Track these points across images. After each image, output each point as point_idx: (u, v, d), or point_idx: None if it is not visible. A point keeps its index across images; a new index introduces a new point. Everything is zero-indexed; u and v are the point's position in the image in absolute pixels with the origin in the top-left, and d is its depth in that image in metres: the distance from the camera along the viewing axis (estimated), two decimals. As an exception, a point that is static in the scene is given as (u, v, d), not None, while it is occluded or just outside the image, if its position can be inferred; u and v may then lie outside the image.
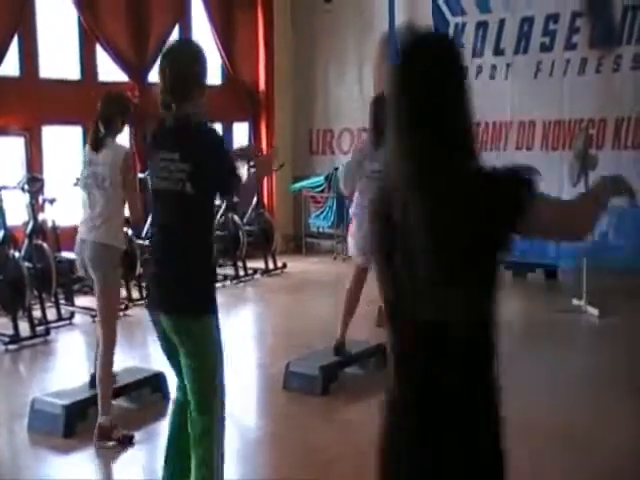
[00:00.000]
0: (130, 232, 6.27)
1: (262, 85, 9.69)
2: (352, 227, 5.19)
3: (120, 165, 4.05)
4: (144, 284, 6.82)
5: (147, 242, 6.35)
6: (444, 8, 8.42)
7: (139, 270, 6.82)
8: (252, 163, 4.40)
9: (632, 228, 7.20)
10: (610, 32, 7.33)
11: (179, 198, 2.88)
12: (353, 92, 9.47)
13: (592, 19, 7.43)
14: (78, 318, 6.56)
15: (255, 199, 8.35)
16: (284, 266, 8.76)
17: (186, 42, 3.71)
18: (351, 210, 5.28)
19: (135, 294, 7.01)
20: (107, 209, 4.09)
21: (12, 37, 7.13)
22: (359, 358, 5.26)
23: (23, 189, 6.31)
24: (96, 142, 4.11)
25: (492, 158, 8.03)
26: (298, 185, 9.68)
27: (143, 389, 4.67)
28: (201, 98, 2.95)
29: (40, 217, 6.48)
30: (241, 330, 6.57)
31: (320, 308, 7.05)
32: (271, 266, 8.69)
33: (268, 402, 5.06)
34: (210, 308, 2.98)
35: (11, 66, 7.32)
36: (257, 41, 9.64)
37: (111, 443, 4.06)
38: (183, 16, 8.84)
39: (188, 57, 2.96)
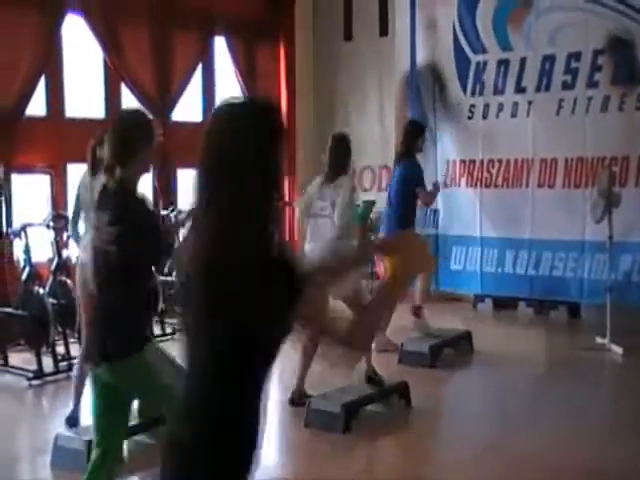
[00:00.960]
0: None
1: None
2: None
3: None
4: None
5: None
6: (465, 46, 8.48)
7: (161, 306, 6.89)
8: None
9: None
10: (632, 70, 7.35)
11: (105, 257, 3.07)
12: (374, 130, 9.54)
13: (614, 57, 7.45)
14: (100, 354, 6.56)
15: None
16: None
17: (131, 111, 3.89)
18: None
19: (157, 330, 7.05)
20: None
21: (39, 77, 7.28)
22: (381, 395, 5.24)
23: (48, 226, 6.39)
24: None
25: (515, 195, 8.08)
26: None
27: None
28: (138, 166, 3.13)
29: (64, 254, 6.55)
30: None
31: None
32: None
33: (290, 440, 5.03)
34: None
35: (38, 105, 7.46)
36: (279, 80, 9.77)
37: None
38: (206, 55, 8.99)
39: (127, 125, 3.17)
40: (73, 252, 6.67)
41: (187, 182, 8.82)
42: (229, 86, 9.20)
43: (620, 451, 4.47)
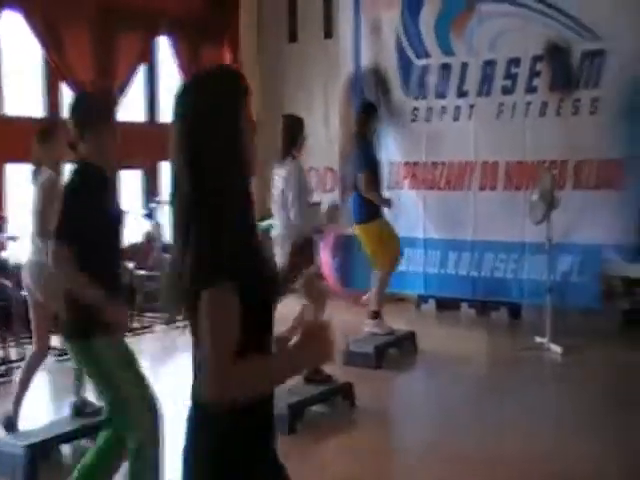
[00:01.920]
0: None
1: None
2: None
3: None
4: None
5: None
6: (409, 50, 8.57)
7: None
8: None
9: (593, 267, 7.31)
10: (568, 76, 7.52)
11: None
12: (319, 132, 9.54)
13: (551, 63, 7.62)
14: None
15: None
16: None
17: (84, 94, 4.16)
18: None
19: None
20: None
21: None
22: (326, 396, 5.26)
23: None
24: None
25: (457, 197, 8.19)
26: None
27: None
28: (91, 142, 3.27)
29: (2, 255, 6.41)
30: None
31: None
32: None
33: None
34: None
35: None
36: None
37: None
38: (149, 55, 8.89)
39: (78, 105, 3.40)
40: (11, 253, 6.55)
41: (130, 182, 8.73)
42: (173, 87, 9.13)
43: (562, 447, 4.58)
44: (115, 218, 3.34)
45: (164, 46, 9.07)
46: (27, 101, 7.88)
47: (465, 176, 8.21)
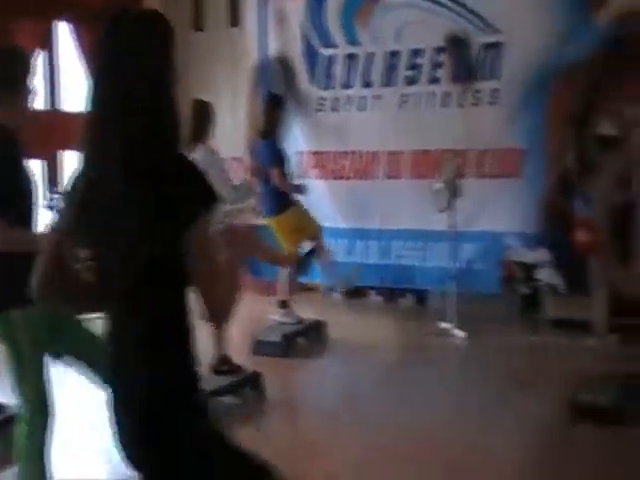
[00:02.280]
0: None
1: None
2: None
3: None
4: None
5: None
6: (314, 40, 8.59)
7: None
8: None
9: (494, 254, 7.54)
10: (469, 68, 7.71)
11: None
12: (226, 122, 9.45)
13: (453, 55, 7.79)
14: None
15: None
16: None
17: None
18: None
19: None
20: None
21: None
22: (234, 387, 5.25)
23: None
24: None
25: (364, 186, 8.29)
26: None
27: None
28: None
29: None
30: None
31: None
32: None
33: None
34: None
35: None
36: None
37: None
38: (48, 43, 8.62)
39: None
40: None
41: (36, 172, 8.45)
42: (74, 74, 8.87)
43: (468, 430, 4.72)
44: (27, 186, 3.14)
45: (64, 32, 8.80)
46: None
47: (371, 165, 8.32)
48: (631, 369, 4.86)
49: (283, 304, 6.90)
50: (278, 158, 6.89)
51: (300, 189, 7.12)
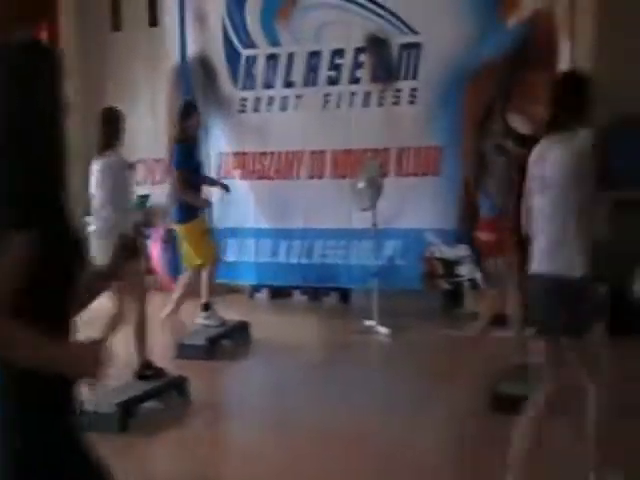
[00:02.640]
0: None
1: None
2: None
3: None
4: None
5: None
6: (235, 40, 8.57)
7: None
8: None
9: (416, 251, 7.67)
10: (389, 68, 7.81)
11: None
12: (147, 123, 9.36)
13: (372, 55, 7.88)
14: None
15: None
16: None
17: None
18: None
19: None
20: None
21: None
22: (158, 391, 5.21)
23: None
24: None
25: (287, 186, 8.30)
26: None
27: None
28: None
29: None
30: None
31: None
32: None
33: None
34: None
35: None
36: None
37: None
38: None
39: None
40: None
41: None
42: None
43: (394, 425, 4.80)
44: None
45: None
46: None
47: (294, 165, 8.35)
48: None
49: (206, 307, 6.86)
50: (181, 163, 6.77)
51: (204, 202, 7.10)
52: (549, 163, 3.48)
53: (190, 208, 6.76)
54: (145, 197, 6.27)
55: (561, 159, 3.43)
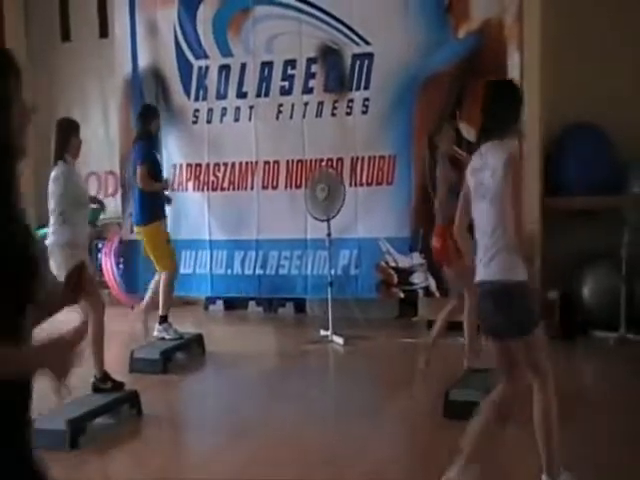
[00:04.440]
0: None
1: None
2: None
3: None
4: None
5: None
6: (187, 51, 8.52)
7: None
8: None
9: (370, 260, 7.69)
10: (341, 78, 7.84)
11: None
12: (98, 135, 9.27)
13: (325, 65, 7.91)
14: None
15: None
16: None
17: None
18: None
19: None
20: None
21: None
22: (110, 407, 5.13)
23: None
24: None
25: (241, 197, 8.26)
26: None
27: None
28: None
29: None
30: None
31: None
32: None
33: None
34: None
35: None
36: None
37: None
38: None
39: None
40: None
41: None
42: None
43: (349, 433, 4.79)
44: None
45: None
46: None
47: (248, 176, 8.31)
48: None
49: (162, 319, 6.79)
50: (145, 157, 6.82)
51: (167, 198, 7.15)
52: (480, 172, 3.52)
53: (151, 211, 6.74)
54: (98, 211, 6.17)
55: (491, 168, 3.45)
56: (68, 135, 5.35)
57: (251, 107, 8.29)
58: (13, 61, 1.80)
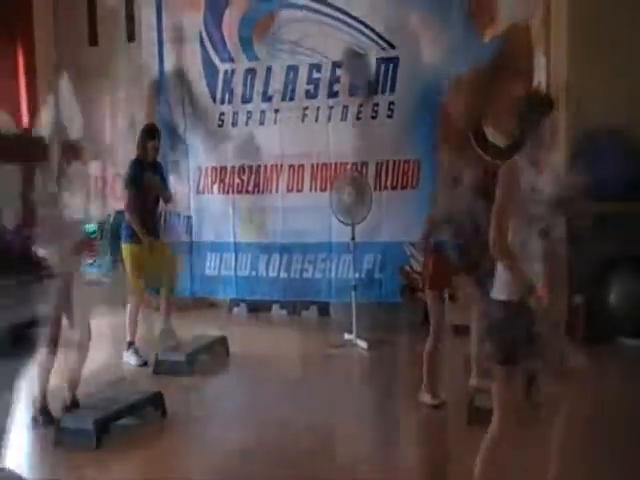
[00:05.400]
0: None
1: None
2: None
3: None
4: None
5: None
6: (213, 55, 8.58)
7: None
8: None
9: (394, 263, 7.69)
10: (367, 82, 7.85)
11: None
12: (125, 137, 9.34)
13: (350, 69, 7.92)
14: None
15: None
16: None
17: None
18: None
19: None
20: None
21: None
22: (135, 407, 5.17)
23: None
24: None
25: (266, 200, 8.30)
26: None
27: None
28: None
29: None
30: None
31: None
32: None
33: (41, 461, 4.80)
34: None
35: None
36: (18, 86, 9.26)
37: None
38: None
39: None
40: None
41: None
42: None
43: (372, 438, 4.78)
44: None
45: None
46: None
47: (273, 179, 8.35)
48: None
49: (129, 345, 6.61)
50: (129, 181, 6.70)
51: (143, 234, 6.55)
52: None
53: (130, 229, 6.60)
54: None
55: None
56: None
57: (276, 110, 8.33)
58: None
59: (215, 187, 8.55)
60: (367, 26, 7.88)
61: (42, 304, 4.96)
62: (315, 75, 8.16)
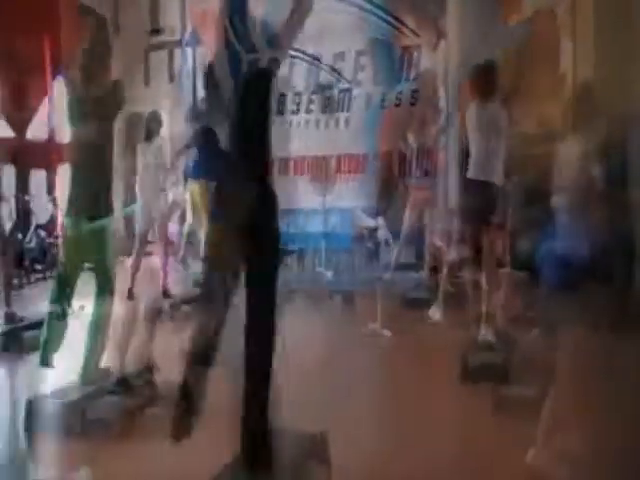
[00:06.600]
0: None
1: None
2: None
3: None
4: None
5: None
6: (237, 45, 8.55)
7: None
8: None
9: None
10: (390, 70, 7.83)
11: None
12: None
13: (373, 58, 7.90)
14: None
15: None
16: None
17: None
18: None
19: None
20: None
21: None
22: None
23: None
24: None
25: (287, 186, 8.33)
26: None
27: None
28: None
29: None
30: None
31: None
32: None
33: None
34: None
35: None
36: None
37: None
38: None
39: None
40: None
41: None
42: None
43: (395, 428, 4.78)
44: None
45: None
46: None
47: (297, 169, 8.37)
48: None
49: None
50: None
51: None
52: None
53: None
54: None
55: None
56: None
57: (298, 101, 8.32)
58: None
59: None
60: (391, 14, 7.85)
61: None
62: (339, 64, 8.15)
